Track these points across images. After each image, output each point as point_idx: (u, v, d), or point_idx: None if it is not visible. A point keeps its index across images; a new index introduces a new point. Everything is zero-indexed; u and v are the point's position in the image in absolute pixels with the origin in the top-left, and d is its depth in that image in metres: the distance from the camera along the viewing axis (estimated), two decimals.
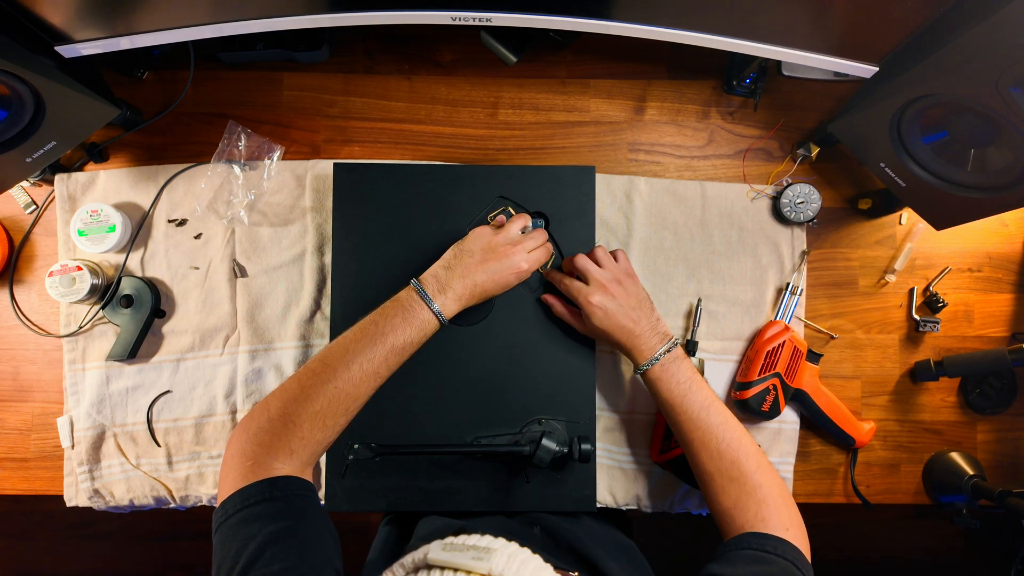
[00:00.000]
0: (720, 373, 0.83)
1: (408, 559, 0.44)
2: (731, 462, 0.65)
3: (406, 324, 0.65)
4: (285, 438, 0.58)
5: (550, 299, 0.76)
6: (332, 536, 0.55)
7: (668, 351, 0.70)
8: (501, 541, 0.44)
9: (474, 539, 0.44)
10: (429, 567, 0.42)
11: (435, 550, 0.43)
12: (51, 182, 0.83)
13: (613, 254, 0.74)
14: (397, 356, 0.65)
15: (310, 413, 0.59)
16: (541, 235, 0.74)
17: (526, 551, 0.43)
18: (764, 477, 0.64)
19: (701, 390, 0.68)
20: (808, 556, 0.60)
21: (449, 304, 0.67)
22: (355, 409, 0.63)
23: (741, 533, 0.61)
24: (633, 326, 0.70)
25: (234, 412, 0.82)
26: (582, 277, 0.72)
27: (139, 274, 0.82)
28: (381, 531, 0.78)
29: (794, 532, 0.61)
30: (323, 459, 0.77)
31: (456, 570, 0.41)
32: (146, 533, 1.68)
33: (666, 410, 0.70)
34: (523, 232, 0.73)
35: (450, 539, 0.44)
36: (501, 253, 0.70)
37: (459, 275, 0.68)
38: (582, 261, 0.72)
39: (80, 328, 0.81)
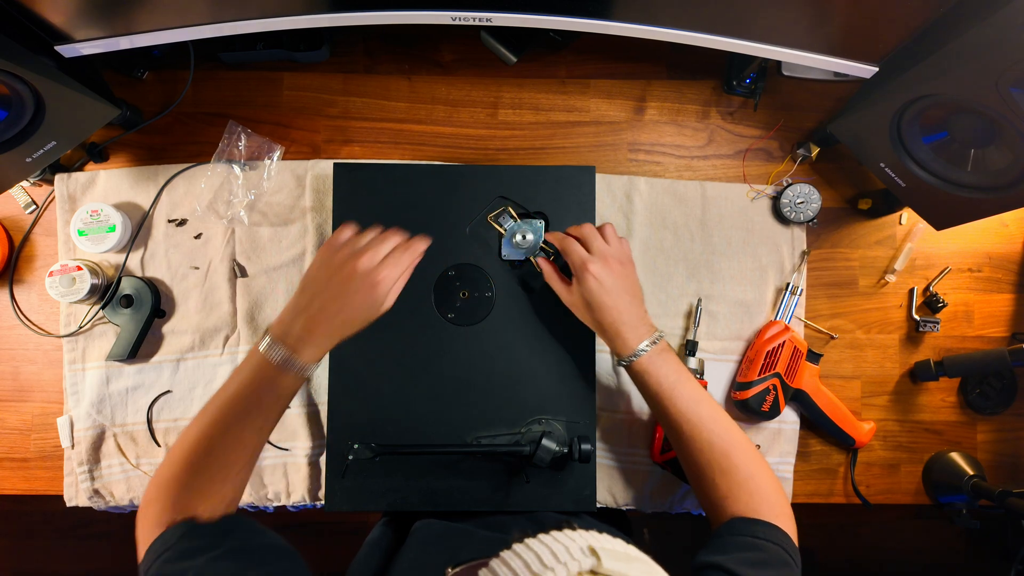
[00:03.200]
0: (720, 373, 0.83)
1: (575, 552, 0.40)
2: (722, 454, 0.64)
3: (276, 400, 0.62)
4: (196, 495, 0.59)
5: (543, 262, 0.74)
6: (285, 552, 0.56)
7: (654, 343, 0.68)
8: (645, 558, 0.42)
9: (628, 550, 0.42)
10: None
11: (608, 560, 0.39)
12: (51, 182, 0.83)
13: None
14: (272, 423, 0.64)
15: (205, 482, 0.59)
16: (397, 235, 0.69)
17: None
18: (755, 467, 0.64)
19: (689, 383, 0.67)
20: (796, 543, 0.60)
21: (309, 357, 0.62)
22: (252, 464, 0.63)
23: (731, 518, 0.61)
24: (624, 308, 0.68)
25: None
26: (585, 245, 0.70)
27: (139, 274, 0.82)
28: (375, 530, 0.76)
29: (784, 520, 0.61)
30: (323, 459, 0.78)
31: None
32: None
33: (654, 404, 0.69)
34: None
35: (607, 543, 0.41)
36: (346, 274, 0.63)
37: (307, 322, 0.62)
38: (589, 229, 0.71)
39: (80, 328, 0.81)
